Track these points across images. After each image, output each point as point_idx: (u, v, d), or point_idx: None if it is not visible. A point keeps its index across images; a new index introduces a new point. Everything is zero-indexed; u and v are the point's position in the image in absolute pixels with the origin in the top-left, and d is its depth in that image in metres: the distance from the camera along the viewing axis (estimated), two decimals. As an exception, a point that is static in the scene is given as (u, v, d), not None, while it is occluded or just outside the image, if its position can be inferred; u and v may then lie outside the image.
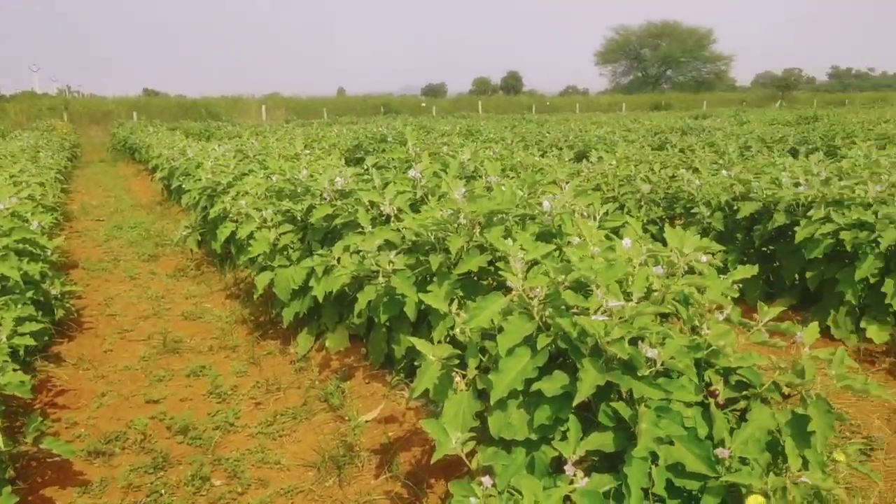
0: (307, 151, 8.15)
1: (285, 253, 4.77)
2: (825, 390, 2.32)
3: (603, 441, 2.25)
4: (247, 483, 3.21)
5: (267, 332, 5.15)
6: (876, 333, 4.41)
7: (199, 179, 7.21)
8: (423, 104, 46.15)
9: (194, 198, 7.27)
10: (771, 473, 2.12)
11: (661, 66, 77.54)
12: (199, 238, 7.44)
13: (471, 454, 2.47)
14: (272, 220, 4.93)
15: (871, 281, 4.38)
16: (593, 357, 2.26)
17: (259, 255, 4.77)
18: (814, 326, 2.41)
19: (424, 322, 3.68)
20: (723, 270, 3.79)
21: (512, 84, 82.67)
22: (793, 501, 2.05)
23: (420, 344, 2.67)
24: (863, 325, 4.48)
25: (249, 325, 5.35)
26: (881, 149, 8.02)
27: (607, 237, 3.10)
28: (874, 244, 4.33)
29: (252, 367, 4.60)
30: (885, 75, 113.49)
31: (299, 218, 4.96)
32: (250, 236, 4.94)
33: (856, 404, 3.61)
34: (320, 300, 4.27)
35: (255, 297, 5.07)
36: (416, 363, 2.80)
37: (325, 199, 4.73)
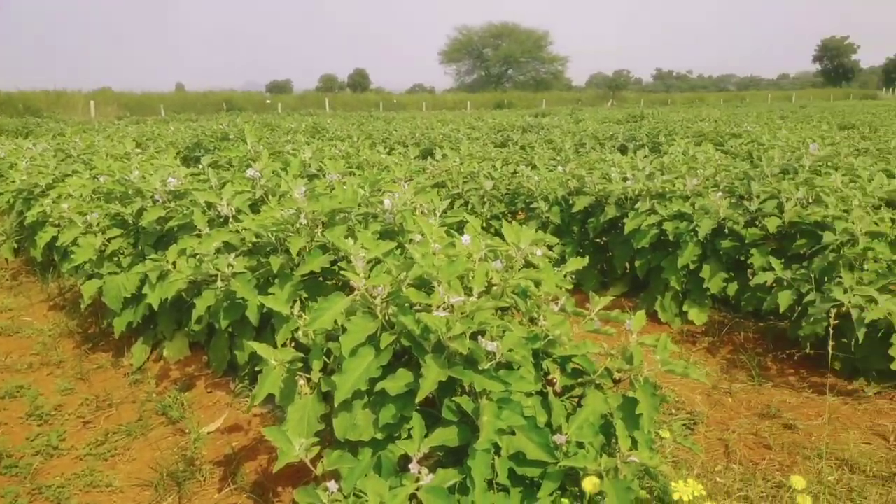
0: (139, 150, 7.65)
1: (115, 259, 4.45)
2: (652, 373, 2.48)
3: (447, 436, 2.27)
4: (73, 510, 2.96)
5: (97, 345, 4.78)
6: (696, 315, 4.79)
7: (13, 181, 6.57)
8: (269, 101, 44.82)
9: (8, 201, 6.61)
10: (604, 455, 2.23)
11: (503, 65, 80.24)
12: (16, 245, 6.79)
13: (317, 459, 2.41)
14: (99, 224, 4.58)
15: (692, 267, 4.75)
16: (436, 353, 2.27)
17: (85, 262, 4.41)
18: (640, 315, 2.56)
19: (268, 326, 3.55)
20: (561, 262, 3.97)
21: (359, 82, 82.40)
22: (624, 480, 2.17)
23: (261, 349, 2.57)
24: (685, 308, 4.85)
25: (77, 338, 4.94)
26: (697, 145, 8.72)
27: (448, 234, 3.14)
28: (693, 233, 4.70)
29: (80, 383, 4.25)
30: (702, 77, 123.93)
31: (130, 221, 4.64)
32: (74, 242, 4.55)
33: (681, 382, 3.90)
34: (156, 308, 4.01)
35: (82, 307, 4.69)
36: (258, 369, 2.70)
37: (158, 200, 4.45)
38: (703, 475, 2.93)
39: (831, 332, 3.59)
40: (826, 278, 3.99)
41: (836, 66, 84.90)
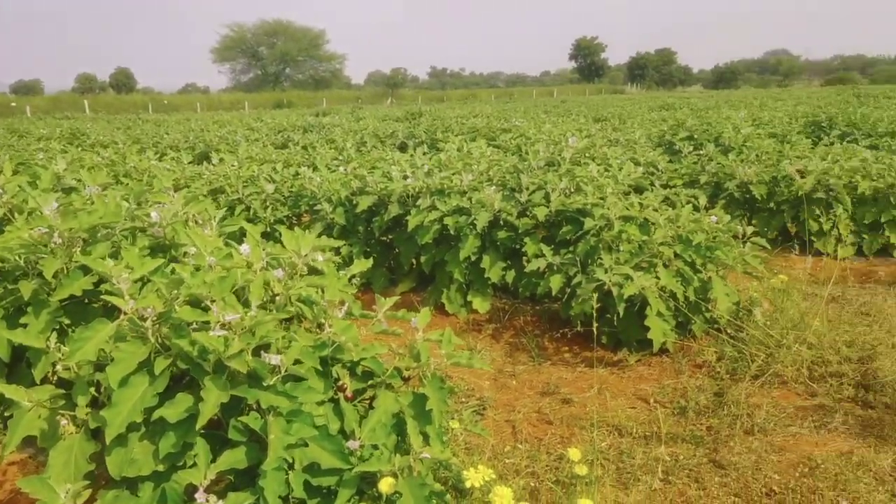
0: None
1: None
2: (439, 367, 2.55)
3: (236, 458, 2.17)
4: None
5: None
6: (480, 304, 5.02)
7: None
8: (14, 104, 40.00)
9: None
10: (398, 454, 2.25)
11: (280, 64, 78.42)
12: None
13: (91, 503, 2.19)
14: None
15: (473, 259, 4.97)
16: (216, 374, 2.16)
17: None
18: (425, 312, 2.62)
19: (23, 361, 3.17)
20: (349, 263, 3.96)
21: (123, 82, 76.34)
22: (419, 476, 2.20)
23: (9, 391, 2.28)
24: (469, 298, 5.06)
25: None
26: (472, 141, 9.14)
27: (226, 244, 2.99)
28: (472, 226, 4.90)
29: None
30: (474, 75, 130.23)
31: None
32: None
33: (469, 371, 4.06)
34: None
35: None
36: (7, 414, 2.39)
37: None
38: (494, 458, 3.07)
39: (596, 310, 3.94)
40: (590, 261, 4.35)
41: (588, 63, 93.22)
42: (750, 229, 4.52)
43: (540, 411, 3.56)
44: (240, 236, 3.62)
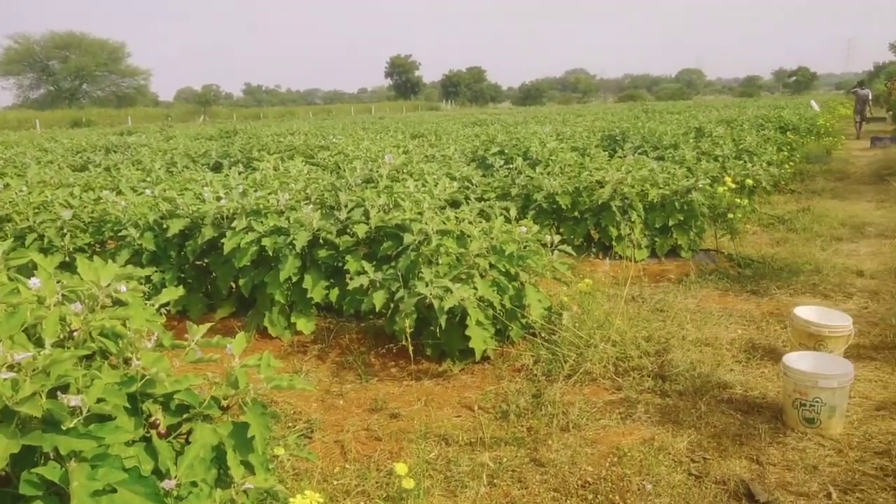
0: None
1: None
2: (260, 393, 2.46)
3: (34, 514, 1.96)
4: None
5: None
6: (304, 325, 4.93)
7: None
8: None
9: None
10: (219, 489, 2.15)
11: (75, 79, 72.47)
12: None
13: None
14: None
15: (294, 279, 4.87)
16: (4, 422, 1.94)
17: None
18: (241, 337, 2.53)
19: None
20: (158, 290, 3.72)
21: None
22: (242, 509, 2.12)
23: None
24: (293, 319, 4.95)
25: None
26: (290, 159, 8.99)
27: (13, 278, 2.71)
28: (291, 246, 4.81)
29: None
30: (291, 91, 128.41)
31: None
32: None
33: (296, 395, 3.97)
34: None
35: None
36: None
37: None
38: (324, 480, 3.03)
39: (420, 322, 4.02)
40: (411, 275, 4.42)
41: (404, 81, 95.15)
42: (558, 237, 4.82)
43: (369, 428, 3.56)
44: (32, 269, 3.30)
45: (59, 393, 1.98)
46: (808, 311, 4.25)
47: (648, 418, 3.52)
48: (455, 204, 6.16)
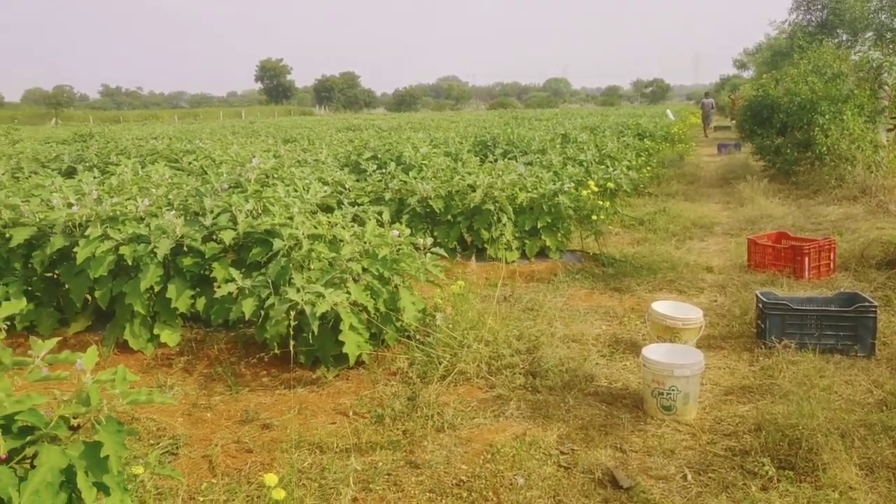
0: None
1: None
2: (116, 410, 2.31)
3: None
4: None
5: None
6: (169, 337, 4.69)
7: None
8: None
9: None
10: (69, 514, 1.99)
11: None
12: None
13: None
14: None
15: (157, 289, 4.62)
16: None
17: None
18: (92, 350, 2.36)
19: None
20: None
21: None
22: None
23: None
24: (156, 331, 4.70)
25: None
26: (153, 164, 8.54)
27: None
28: (153, 255, 4.56)
29: None
30: (154, 94, 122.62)
31: None
32: None
33: (160, 409, 3.76)
34: None
35: None
36: None
37: None
38: (190, 499, 2.88)
39: (292, 330, 3.91)
40: (282, 281, 4.31)
41: (276, 85, 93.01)
42: (430, 241, 4.84)
43: (239, 441, 3.43)
44: None
45: None
46: (664, 306, 4.51)
47: (520, 414, 3.61)
48: (328, 209, 6.06)
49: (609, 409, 3.66)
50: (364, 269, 4.32)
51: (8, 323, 2.57)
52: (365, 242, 4.47)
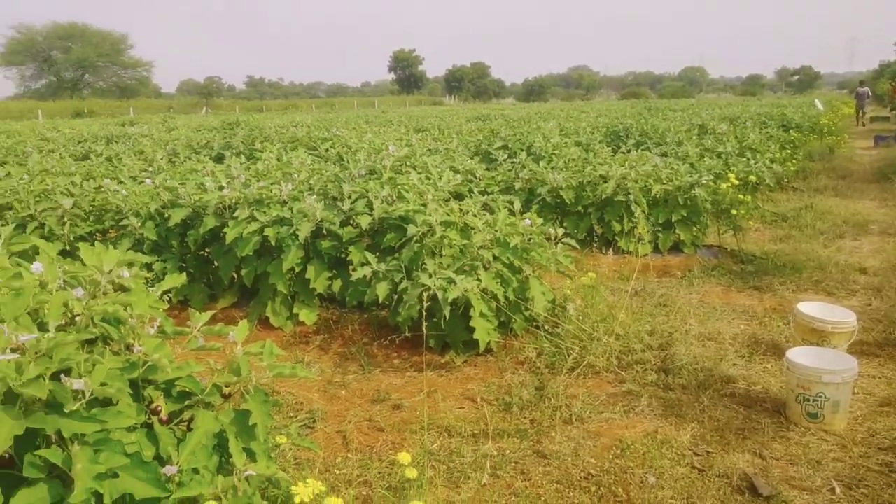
0: None
1: None
2: (262, 381, 2.45)
3: (35, 497, 1.94)
4: None
5: None
6: (307, 316, 4.91)
7: None
8: None
9: None
10: (221, 476, 2.13)
11: (77, 70, 72.36)
12: None
13: None
14: None
15: (297, 270, 4.86)
16: (7, 404, 1.92)
17: None
18: (243, 325, 2.51)
19: None
20: (159, 280, 3.70)
21: None
22: (244, 496, 2.10)
23: None
24: (295, 310, 4.94)
25: None
26: (293, 150, 8.96)
27: (16, 263, 2.70)
28: (294, 237, 4.79)
29: None
30: (294, 84, 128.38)
31: None
32: None
33: (298, 384, 3.96)
34: None
35: None
36: None
37: None
38: (325, 470, 3.01)
39: (424, 314, 3.99)
40: (414, 266, 4.40)
41: (408, 75, 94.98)
42: (561, 231, 4.79)
43: (371, 419, 3.54)
44: (33, 255, 3.28)
45: (62, 376, 1.97)
46: (811, 307, 4.23)
47: (651, 412, 3.50)
48: (458, 196, 6.13)
49: (747, 412, 3.49)
50: (495, 258, 4.34)
51: (168, 296, 2.78)
52: (496, 231, 4.48)
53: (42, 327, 2.13)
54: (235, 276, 5.29)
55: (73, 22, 73.25)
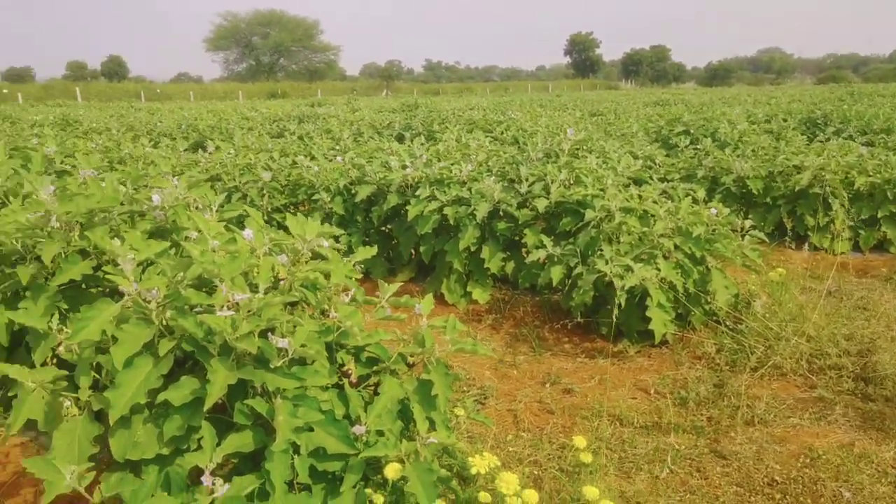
0: None
1: None
2: (444, 354, 2.54)
3: (242, 441, 2.15)
4: None
5: None
6: (480, 295, 5.01)
7: None
8: (6, 91, 39.68)
9: None
10: (404, 440, 2.24)
11: (274, 54, 78.07)
12: None
13: (94, 485, 2.17)
14: None
15: (473, 249, 4.96)
16: (222, 356, 2.14)
17: None
18: (429, 298, 2.61)
19: (22, 344, 3.13)
20: (348, 252, 3.93)
21: (115, 70, 75.82)
22: (425, 461, 2.19)
23: (14, 371, 2.25)
24: (469, 288, 5.05)
25: None
26: (469, 132, 9.11)
27: (228, 229, 2.97)
28: (472, 217, 4.89)
29: None
30: (469, 68, 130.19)
31: None
32: None
33: (470, 360, 4.06)
34: None
35: None
36: (10, 394, 2.36)
37: None
38: (497, 446, 3.07)
39: (595, 300, 3.93)
40: (590, 252, 4.35)
41: (583, 59, 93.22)
42: (748, 223, 4.52)
43: (541, 401, 3.56)
44: (237, 223, 3.59)
45: (269, 334, 2.15)
46: None
47: (847, 422, 3.23)
48: (637, 183, 5.95)
49: (963, 433, 3.12)
50: (676, 247, 4.18)
51: (360, 267, 2.94)
52: (678, 219, 4.31)
53: (252, 288, 2.34)
54: (413, 252, 5.50)
55: (273, 9, 78.96)
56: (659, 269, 4.00)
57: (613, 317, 4.07)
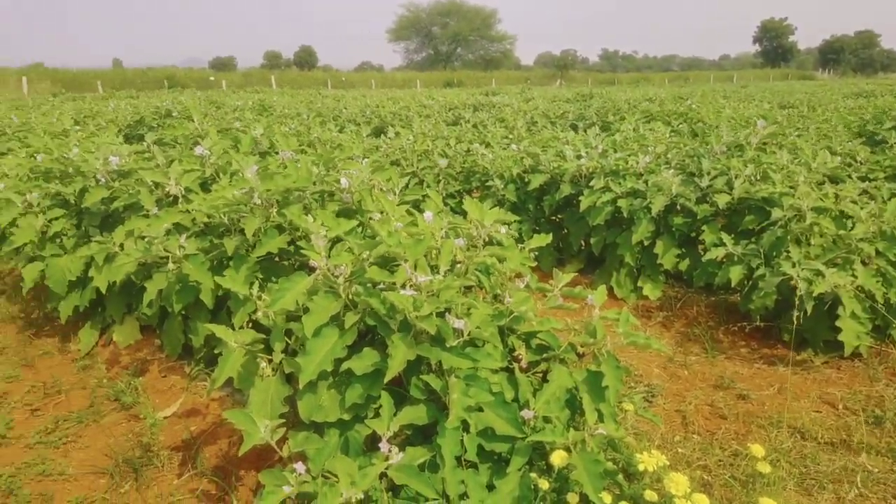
0: (77, 128, 7.36)
1: (58, 241, 4.28)
2: (613, 347, 2.51)
3: (416, 414, 2.26)
4: (25, 500, 2.85)
5: (42, 330, 4.60)
6: (651, 291, 4.87)
7: (-56, 161, 6.25)
8: (212, 78, 43.65)
9: (-60, 182, 6.29)
10: (571, 429, 2.25)
11: (452, 43, 79.91)
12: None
13: (281, 441, 2.37)
14: (39, 204, 4.39)
15: (645, 244, 4.82)
16: (402, 332, 2.25)
17: (25, 244, 4.23)
18: (602, 290, 2.58)
19: (223, 308, 3.47)
20: (518, 240, 3.97)
21: (305, 59, 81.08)
22: (592, 452, 2.19)
23: (221, 331, 2.51)
24: (640, 283, 4.92)
25: (19, 323, 4.75)
26: (646, 123, 8.83)
27: (408, 212, 3.10)
28: (646, 210, 4.75)
29: (25, 369, 4.09)
30: (647, 57, 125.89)
31: (72, 202, 4.46)
32: (12, 223, 4.36)
33: (637, 356, 3.96)
34: (103, 291, 3.88)
35: (24, 291, 4.50)
36: (216, 352, 2.63)
37: (101, 180, 4.28)
38: (664, 446, 2.99)
39: (777, 305, 3.69)
40: (775, 253, 4.08)
41: (774, 47, 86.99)
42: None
43: (713, 404, 3.41)
44: (414, 207, 3.74)
45: (447, 314, 2.23)
46: None
47: None
48: (833, 181, 5.50)
49: None
50: (877, 252, 3.82)
51: (533, 254, 2.97)
52: (882, 222, 3.94)
53: (433, 270, 2.43)
54: (584, 243, 5.44)
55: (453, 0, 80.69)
56: (855, 276, 3.68)
57: (795, 322, 3.81)
